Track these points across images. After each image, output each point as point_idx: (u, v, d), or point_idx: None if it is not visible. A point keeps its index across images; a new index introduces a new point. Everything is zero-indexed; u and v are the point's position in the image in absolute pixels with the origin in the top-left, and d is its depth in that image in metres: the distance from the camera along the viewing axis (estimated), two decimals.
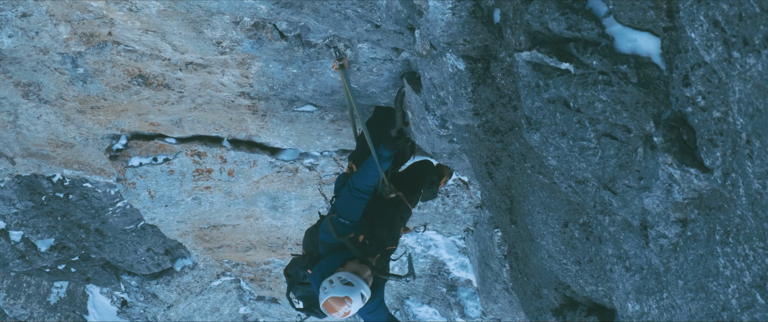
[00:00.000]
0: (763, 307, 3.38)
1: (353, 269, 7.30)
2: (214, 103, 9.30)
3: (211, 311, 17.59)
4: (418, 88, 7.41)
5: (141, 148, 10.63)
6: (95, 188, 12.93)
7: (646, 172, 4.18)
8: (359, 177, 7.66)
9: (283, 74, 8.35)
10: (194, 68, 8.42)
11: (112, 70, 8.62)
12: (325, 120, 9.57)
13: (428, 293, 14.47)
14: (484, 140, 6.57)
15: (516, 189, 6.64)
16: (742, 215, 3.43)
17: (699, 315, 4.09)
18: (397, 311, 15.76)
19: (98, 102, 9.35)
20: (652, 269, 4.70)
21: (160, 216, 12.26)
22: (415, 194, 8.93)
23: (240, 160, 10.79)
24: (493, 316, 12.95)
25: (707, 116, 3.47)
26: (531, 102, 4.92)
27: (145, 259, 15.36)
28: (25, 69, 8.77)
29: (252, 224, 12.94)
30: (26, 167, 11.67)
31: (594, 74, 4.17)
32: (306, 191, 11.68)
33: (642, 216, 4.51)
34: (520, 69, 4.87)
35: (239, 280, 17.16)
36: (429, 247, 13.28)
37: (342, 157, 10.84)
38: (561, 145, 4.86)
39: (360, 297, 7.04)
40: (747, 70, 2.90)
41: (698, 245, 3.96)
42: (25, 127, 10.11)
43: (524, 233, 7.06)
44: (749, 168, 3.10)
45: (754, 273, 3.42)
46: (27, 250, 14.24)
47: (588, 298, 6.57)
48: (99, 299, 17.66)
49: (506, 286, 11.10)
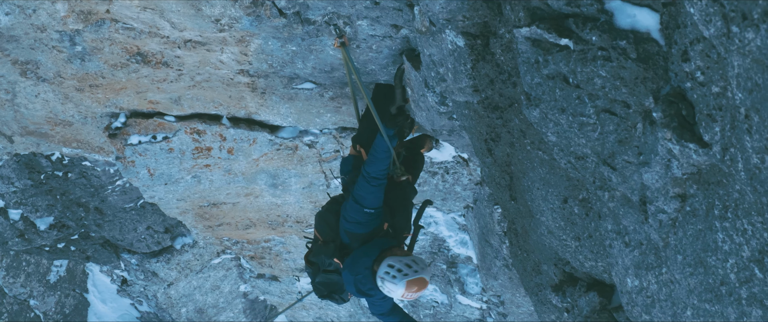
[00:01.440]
0: (761, 281, 3.39)
1: (400, 254, 7.56)
2: (213, 80, 9.29)
3: (212, 289, 17.62)
4: (418, 65, 7.41)
5: (140, 126, 10.62)
6: (94, 166, 12.93)
7: (645, 147, 4.19)
8: (371, 164, 7.64)
9: (282, 52, 8.33)
10: (193, 46, 8.41)
11: (110, 48, 8.60)
12: (324, 97, 9.55)
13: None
14: (483, 117, 6.57)
15: (515, 165, 6.64)
16: (740, 189, 3.43)
17: (698, 290, 4.11)
18: None
19: (96, 80, 9.34)
20: (651, 245, 4.71)
21: (159, 194, 12.27)
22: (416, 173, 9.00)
23: (239, 138, 10.78)
24: (493, 292, 12.97)
25: (706, 91, 3.47)
26: (530, 78, 4.92)
27: (144, 237, 15.37)
28: (22, 47, 8.76)
29: (252, 201, 12.94)
30: (25, 146, 11.66)
31: (593, 50, 4.17)
32: (306, 168, 11.67)
33: (641, 192, 4.52)
34: (520, 45, 4.86)
35: (239, 258, 17.17)
36: (429, 224, 13.28)
37: (342, 134, 10.83)
38: (560, 121, 4.86)
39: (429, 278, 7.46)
40: (746, 45, 2.90)
41: (697, 220, 3.97)
42: (24, 105, 10.10)
43: (524, 209, 7.07)
44: (748, 143, 3.10)
45: (752, 248, 3.42)
46: (26, 228, 14.25)
47: (587, 274, 6.59)
48: (99, 278, 17.69)
49: (506, 262, 11.11)
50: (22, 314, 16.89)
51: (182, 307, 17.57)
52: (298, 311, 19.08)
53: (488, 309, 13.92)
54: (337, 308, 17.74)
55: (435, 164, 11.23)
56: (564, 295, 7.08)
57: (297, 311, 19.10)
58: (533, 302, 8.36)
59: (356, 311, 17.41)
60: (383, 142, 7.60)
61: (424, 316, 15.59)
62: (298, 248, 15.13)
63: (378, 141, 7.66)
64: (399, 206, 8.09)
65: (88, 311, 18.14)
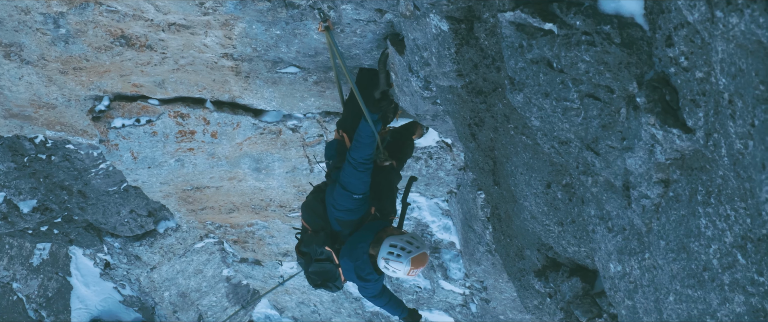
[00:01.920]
0: (743, 267, 3.41)
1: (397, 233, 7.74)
2: (197, 64, 9.27)
3: (195, 272, 17.62)
4: (402, 49, 7.40)
5: (124, 109, 10.59)
6: (78, 149, 12.91)
7: (628, 132, 4.20)
8: (356, 150, 7.66)
9: (267, 36, 8.32)
10: (177, 29, 8.39)
11: (94, 30, 8.57)
12: (308, 82, 9.54)
13: None
14: (467, 101, 6.57)
15: (499, 150, 6.65)
16: (724, 175, 3.44)
17: (680, 275, 4.12)
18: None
19: (80, 63, 9.31)
20: (634, 230, 4.73)
21: (142, 178, 12.25)
22: (402, 159, 9.02)
23: (223, 121, 10.76)
24: (476, 278, 13.01)
25: (690, 77, 3.48)
26: (514, 63, 4.92)
27: (127, 220, 15.36)
28: (6, 29, 8.72)
29: (235, 185, 12.93)
30: (8, 128, 11.62)
31: (577, 35, 4.18)
32: (289, 152, 11.66)
33: (624, 177, 4.53)
34: (504, 29, 4.86)
35: (222, 242, 17.18)
36: (412, 209, 13.30)
37: (325, 119, 10.82)
38: (544, 105, 4.87)
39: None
40: (730, 30, 2.90)
41: (680, 205, 3.98)
42: (7, 88, 10.07)
43: (507, 194, 7.09)
44: (731, 128, 3.11)
45: (735, 233, 3.44)
46: (9, 211, 14.23)
47: (570, 259, 6.61)
48: (82, 261, 17.68)
49: (489, 248, 11.14)
50: (5, 297, 16.89)
51: (165, 291, 17.59)
52: (280, 296, 19.11)
53: (471, 295, 13.96)
54: (320, 293, 17.77)
55: (419, 149, 11.25)
56: (547, 280, 7.11)
57: (280, 296, 19.13)
58: (516, 287, 8.39)
59: (339, 296, 17.44)
60: (367, 128, 7.61)
61: (407, 302, 15.62)
62: (282, 232, 15.15)
63: (362, 126, 7.67)
64: (385, 189, 8.15)
65: (70, 295, 18.14)
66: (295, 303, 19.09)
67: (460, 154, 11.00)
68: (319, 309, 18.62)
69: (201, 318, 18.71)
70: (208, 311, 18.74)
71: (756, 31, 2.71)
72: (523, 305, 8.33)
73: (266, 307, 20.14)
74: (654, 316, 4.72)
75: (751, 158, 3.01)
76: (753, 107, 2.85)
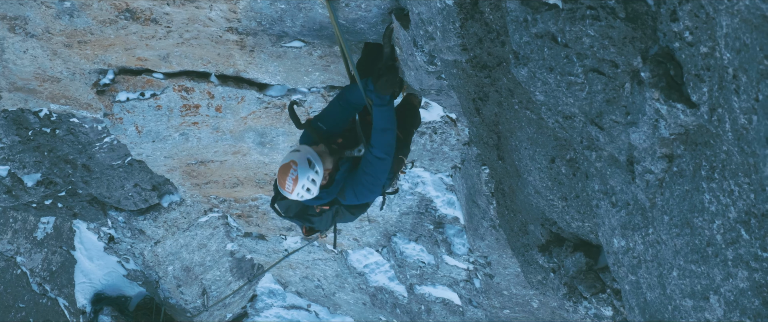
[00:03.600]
0: (747, 242, 3.41)
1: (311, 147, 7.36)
2: (201, 38, 9.26)
3: (199, 247, 17.64)
4: (407, 24, 7.39)
5: (128, 83, 10.59)
6: (82, 123, 12.90)
7: (633, 107, 4.19)
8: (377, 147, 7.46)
9: (271, 9, 8.31)
10: (182, 3, 8.38)
11: (99, 4, 8.57)
12: (313, 56, 9.54)
13: (415, 230, 14.51)
14: (471, 76, 6.57)
15: (503, 125, 6.65)
16: (727, 150, 3.44)
17: (684, 250, 4.12)
18: (385, 248, 15.83)
19: (85, 36, 9.31)
20: (638, 205, 4.73)
21: (147, 151, 12.25)
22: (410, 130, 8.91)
23: (228, 95, 10.76)
24: (480, 253, 13.01)
25: (694, 52, 3.47)
26: (519, 37, 4.92)
27: (132, 194, 15.36)
28: (11, 2, 8.72)
29: (239, 160, 12.94)
30: (12, 102, 11.63)
31: (582, 9, 4.17)
32: (293, 127, 11.66)
33: (628, 152, 4.53)
34: (509, 3, 4.86)
35: (226, 216, 17.19)
36: (416, 184, 13.30)
37: (330, 93, 10.81)
38: (548, 80, 4.87)
39: (306, 163, 6.99)
40: (734, 5, 2.90)
41: (684, 180, 3.98)
42: (12, 61, 10.07)
43: (511, 169, 7.09)
44: (735, 103, 3.11)
45: (739, 209, 3.44)
46: (13, 185, 14.24)
47: (574, 234, 6.62)
48: (86, 235, 17.71)
49: (493, 223, 11.14)
50: (9, 271, 16.92)
51: (169, 265, 17.61)
52: (284, 270, 19.14)
53: (475, 270, 13.96)
54: (324, 267, 17.78)
55: (423, 124, 11.24)
56: (550, 255, 7.12)
57: (283, 270, 19.16)
58: (520, 262, 8.40)
59: (343, 271, 17.46)
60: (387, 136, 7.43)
61: (411, 276, 15.64)
62: None
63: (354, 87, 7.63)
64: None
65: (74, 268, 18.18)
66: (299, 278, 19.12)
67: (464, 129, 10.99)
68: (322, 284, 18.65)
69: (205, 292, 18.74)
70: (212, 285, 18.78)
71: (761, 6, 2.71)
72: (526, 280, 8.34)
73: (270, 281, 20.18)
74: (657, 291, 4.72)
75: (755, 133, 3.01)
76: (757, 82, 2.85)
